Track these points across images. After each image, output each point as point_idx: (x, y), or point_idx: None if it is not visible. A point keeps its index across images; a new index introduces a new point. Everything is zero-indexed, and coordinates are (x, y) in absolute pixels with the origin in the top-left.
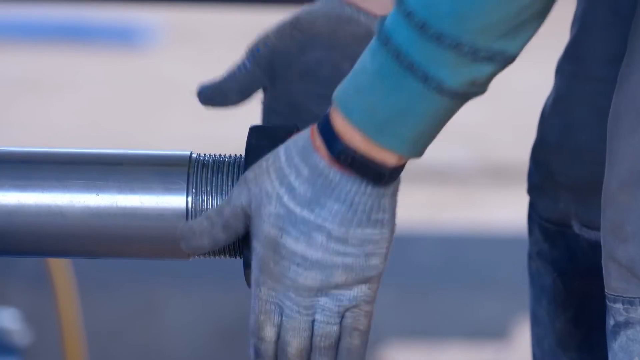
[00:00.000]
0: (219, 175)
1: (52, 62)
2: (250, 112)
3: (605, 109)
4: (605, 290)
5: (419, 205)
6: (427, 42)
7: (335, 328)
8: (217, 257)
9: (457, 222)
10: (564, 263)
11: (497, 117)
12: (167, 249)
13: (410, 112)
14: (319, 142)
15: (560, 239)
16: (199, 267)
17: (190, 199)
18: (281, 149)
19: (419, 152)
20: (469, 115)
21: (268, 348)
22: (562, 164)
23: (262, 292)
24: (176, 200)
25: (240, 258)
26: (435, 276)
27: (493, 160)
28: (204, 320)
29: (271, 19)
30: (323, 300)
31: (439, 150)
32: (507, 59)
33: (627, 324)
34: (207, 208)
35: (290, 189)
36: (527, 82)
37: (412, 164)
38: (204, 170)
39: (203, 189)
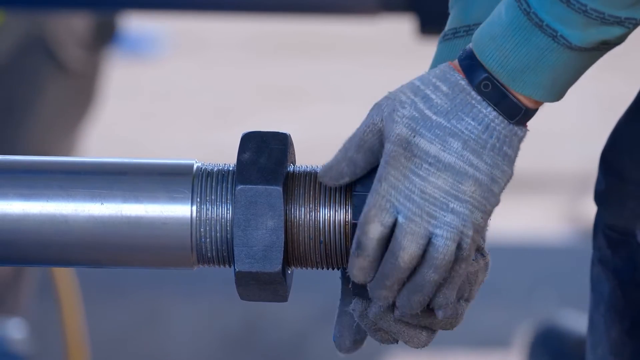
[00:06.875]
0: (224, 184)
1: None
2: (255, 122)
3: None
4: None
5: None
6: (556, 3)
7: (454, 248)
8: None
9: None
10: (625, 272)
11: None
12: (172, 258)
13: (542, 63)
14: (459, 68)
15: (622, 248)
16: (203, 275)
17: (194, 207)
18: (414, 79)
19: (555, 96)
20: None
21: (368, 245)
22: (635, 169)
23: (382, 187)
24: (181, 209)
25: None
26: None
27: None
28: (209, 329)
29: (275, 28)
30: (449, 217)
31: None
32: (637, 23)
33: None
34: (212, 217)
35: (426, 99)
36: None
37: None
38: (209, 179)
39: (208, 197)
